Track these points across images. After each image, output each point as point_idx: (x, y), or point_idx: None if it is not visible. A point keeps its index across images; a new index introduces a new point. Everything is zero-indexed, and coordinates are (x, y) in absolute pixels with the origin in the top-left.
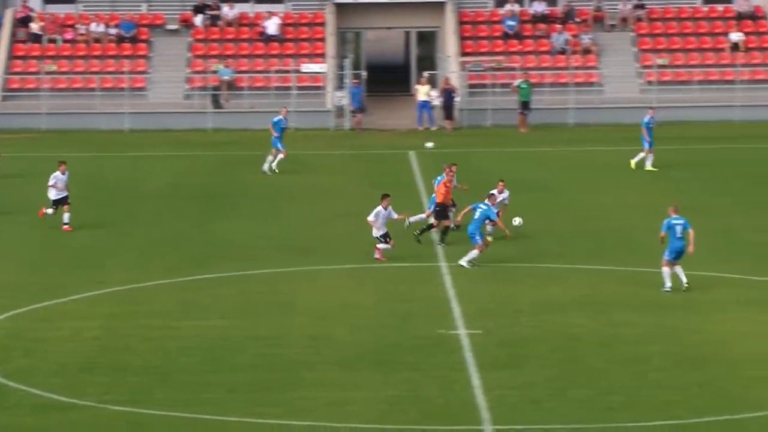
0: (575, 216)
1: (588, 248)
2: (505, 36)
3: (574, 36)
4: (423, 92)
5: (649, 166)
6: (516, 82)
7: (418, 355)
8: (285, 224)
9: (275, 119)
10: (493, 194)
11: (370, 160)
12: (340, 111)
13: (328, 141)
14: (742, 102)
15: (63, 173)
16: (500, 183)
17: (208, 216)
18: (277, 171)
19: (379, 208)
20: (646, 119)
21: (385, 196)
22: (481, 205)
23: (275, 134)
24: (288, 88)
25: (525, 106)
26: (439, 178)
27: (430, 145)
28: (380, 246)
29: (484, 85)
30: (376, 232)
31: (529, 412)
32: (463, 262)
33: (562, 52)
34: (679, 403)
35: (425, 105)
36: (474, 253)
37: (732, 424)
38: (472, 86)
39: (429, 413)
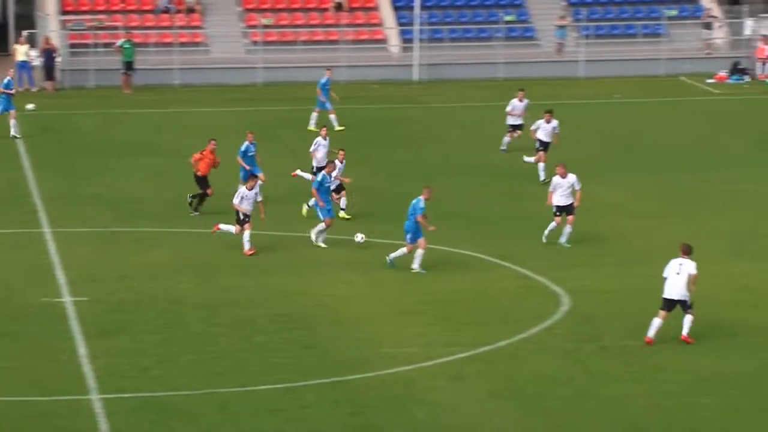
0: (184, 179)
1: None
2: None
3: None
4: (22, 52)
5: (335, 126)
6: (119, 42)
7: (21, 325)
8: None
9: None
10: (332, 162)
11: None
12: None
13: None
14: (347, 62)
15: None
16: (341, 151)
17: None
18: None
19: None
20: (323, 80)
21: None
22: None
23: None
24: None
25: (129, 66)
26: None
27: (30, 106)
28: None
29: (86, 45)
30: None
31: (138, 379)
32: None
33: (166, 11)
34: (285, 366)
35: (24, 65)
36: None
37: (339, 386)
38: (73, 46)
39: (35, 384)
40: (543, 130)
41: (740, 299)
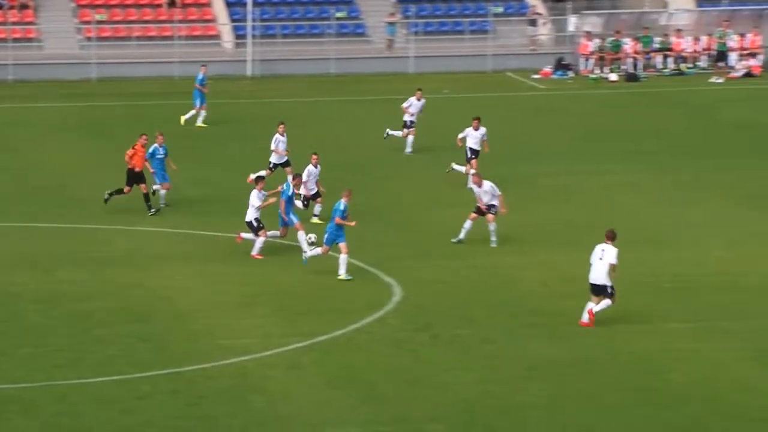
0: (16, 174)
1: (27, 206)
2: None
3: None
4: None
5: (200, 123)
6: None
7: None
8: None
9: None
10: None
11: None
12: None
13: None
14: (180, 58)
15: None
16: (314, 156)
17: None
18: None
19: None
20: (200, 76)
21: (259, 178)
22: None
23: None
24: None
25: None
26: None
27: None
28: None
29: None
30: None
31: None
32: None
33: (0, 6)
34: (122, 358)
35: None
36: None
37: (176, 377)
38: None
39: None
40: (472, 137)
41: (567, 289)
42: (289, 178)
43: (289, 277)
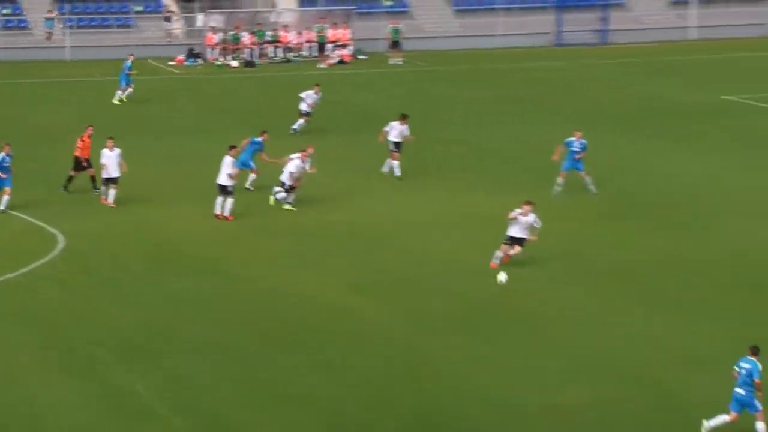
0: None
1: None
2: None
3: None
4: None
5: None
6: None
7: None
8: None
9: None
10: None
11: None
12: None
13: None
14: None
15: None
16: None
17: None
18: None
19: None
20: (127, 63)
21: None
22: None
23: None
24: None
25: None
26: None
27: None
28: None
29: None
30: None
31: None
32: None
33: None
34: None
35: None
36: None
37: None
38: None
39: None
40: (396, 130)
41: (212, 237)
42: None
43: None
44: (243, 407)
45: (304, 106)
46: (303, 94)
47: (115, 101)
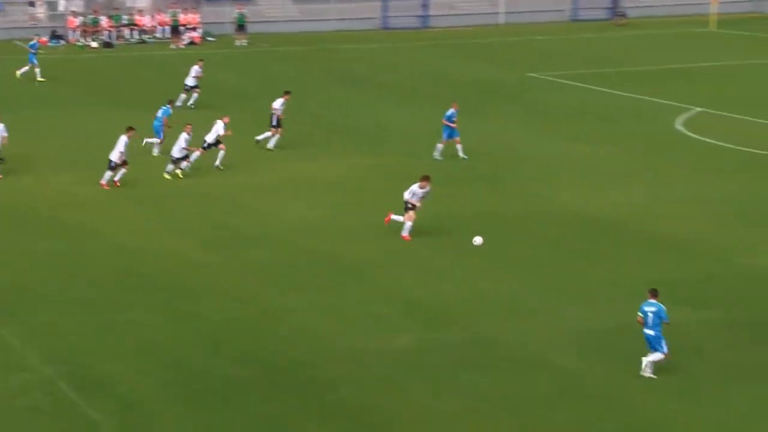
0: None
1: None
2: None
3: None
4: None
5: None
6: None
7: None
8: None
9: None
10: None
11: None
12: None
13: None
14: None
15: None
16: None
17: None
18: None
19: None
20: (33, 43)
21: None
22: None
23: None
24: None
25: None
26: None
27: None
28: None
29: None
30: None
31: None
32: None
33: None
34: None
35: None
36: None
37: None
38: None
39: None
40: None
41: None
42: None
43: None
44: (107, 358)
45: (190, 81)
46: (191, 70)
47: (40, 79)
